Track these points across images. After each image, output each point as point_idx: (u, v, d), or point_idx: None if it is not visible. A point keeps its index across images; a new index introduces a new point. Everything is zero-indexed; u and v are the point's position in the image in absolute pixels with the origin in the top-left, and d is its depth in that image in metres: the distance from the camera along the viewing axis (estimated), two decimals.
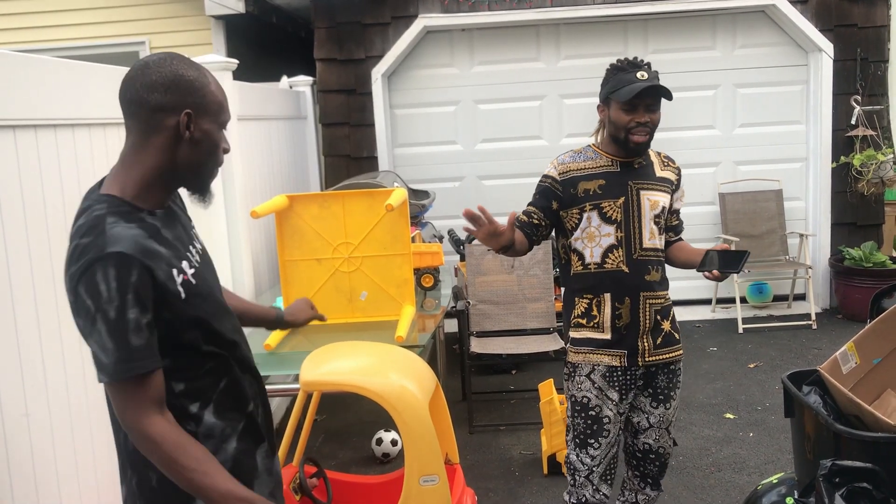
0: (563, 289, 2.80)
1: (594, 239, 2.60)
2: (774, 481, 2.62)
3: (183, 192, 1.74)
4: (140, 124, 1.59)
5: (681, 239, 2.83)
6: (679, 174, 2.75)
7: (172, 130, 1.59)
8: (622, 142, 2.57)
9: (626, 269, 2.59)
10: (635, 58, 2.60)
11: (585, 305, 2.64)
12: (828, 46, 6.17)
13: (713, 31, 6.40)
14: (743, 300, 6.36)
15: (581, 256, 2.64)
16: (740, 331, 5.98)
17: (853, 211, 6.38)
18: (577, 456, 2.68)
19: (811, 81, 6.37)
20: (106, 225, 1.52)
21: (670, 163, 2.74)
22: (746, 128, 6.51)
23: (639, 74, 2.51)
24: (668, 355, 2.68)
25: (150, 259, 1.54)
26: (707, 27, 6.39)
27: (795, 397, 2.45)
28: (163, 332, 1.58)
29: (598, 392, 2.63)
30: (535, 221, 2.67)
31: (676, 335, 2.72)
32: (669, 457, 2.79)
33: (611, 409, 2.63)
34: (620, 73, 2.55)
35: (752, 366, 5.28)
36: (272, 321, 2.19)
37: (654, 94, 2.51)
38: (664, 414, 2.71)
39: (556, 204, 2.64)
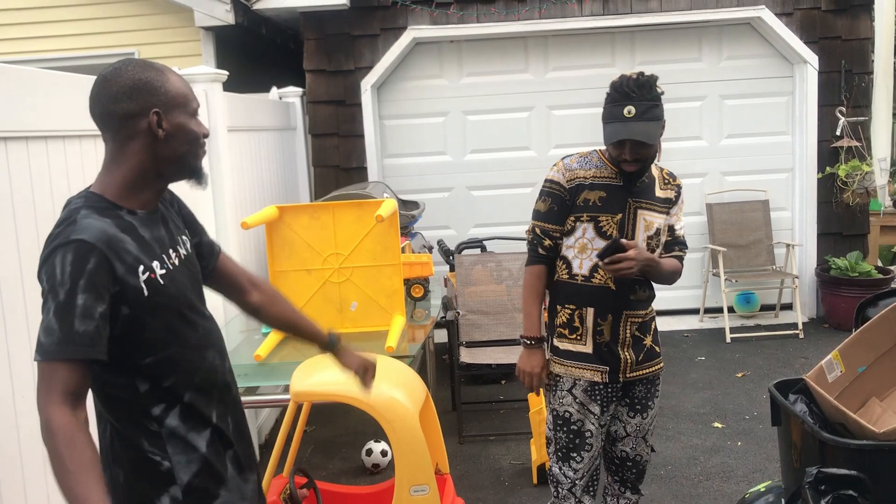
0: (547, 293, 2.78)
1: (585, 251, 2.59)
2: (762, 489, 2.64)
3: (182, 183, 1.78)
4: (115, 134, 1.64)
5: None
6: (679, 191, 2.70)
7: (146, 132, 1.64)
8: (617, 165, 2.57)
9: (613, 287, 2.57)
10: (634, 78, 2.47)
11: (568, 315, 2.63)
12: (813, 58, 6.24)
13: (699, 43, 6.47)
14: (730, 310, 6.40)
15: (569, 265, 2.62)
16: (728, 340, 6.02)
17: (839, 221, 6.44)
18: (560, 469, 2.69)
19: (797, 93, 6.44)
20: (78, 216, 1.58)
21: (671, 180, 2.69)
22: (733, 139, 6.57)
23: (626, 110, 2.44)
24: (649, 370, 2.68)
25: (112, 250, 1.57)
26: (693, 39, 6.46)
27: (782, 406, 2.47)
28: (125, 328, 1.61)
29: (579, 406, 2.63)
30: (559, 240, 2.64)
31: (657, 348, 2.72)
32: (647, 463, 2.80)
33: (593, 423, 2.64)
34: (612, 104, 2.48)
35: (739, 375, 5.32)
36: (325, 343, 2.16)
37: (633, 138, 2.44)
38: (641, 423, 2.71)
39: (566, 211, 2.61)
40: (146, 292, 1.63)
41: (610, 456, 2.80)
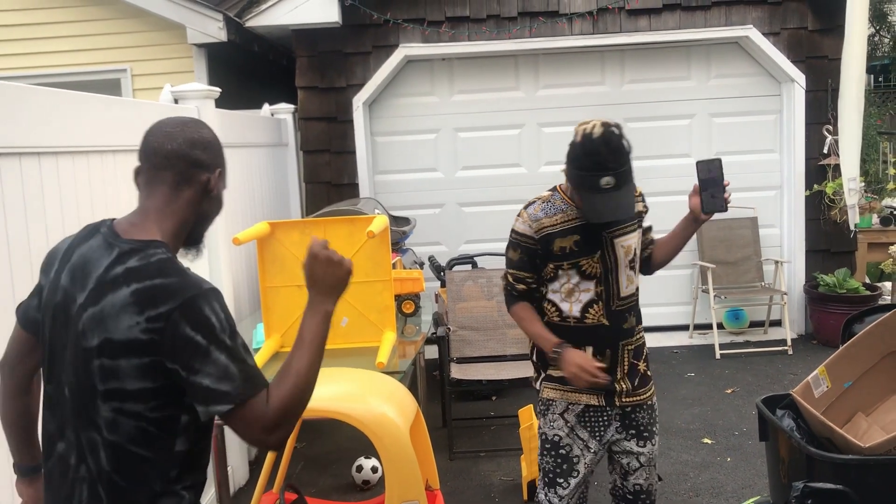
0: None
1: (573, 294, 2.56)
2: None
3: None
4: (175, 176, 1.66)
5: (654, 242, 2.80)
6: (643, 199, 2.70)
7: (202, 186, 1.69)
8: None
9: (607, 322, 2.56)
10: (604, 141, 2.33)
11: None
12: (800, 77, 6.32)
13: (688, 61, 6.54)
14: (720, 326, 6.43)
15: (558, 308, 2.60)
16: (717, 356, 6.04)
17: (826, 238, 6.50)
18: (546, 495, 2.67)
19: (784, 111, 6.51)
20: (181, 265, 1.59)
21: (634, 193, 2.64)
22: (722, 156, 6.57)
23: (604, 182, 2.32)
24: (645, 395, 2.66)
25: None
26: (682, 58, 6.53)
27: (770, 421, 2.50)
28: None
29: (569, 431, 2.62)
30: (532, 284, 2.62)
31: (649, 372, 2.71)
32: (657, 493, 2.77)
33: (581, 449, 2.61)
34: (585, 172, 2.35)
35: (729, 391, 5.34)
36: None
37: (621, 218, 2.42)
38: (651, 451, 2.69)
39: (538, 260, 2.58)
40: None
41: (622, 492, 2.73)
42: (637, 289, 2.67)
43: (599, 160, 2.32)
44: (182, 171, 1.66)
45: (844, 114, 5.83)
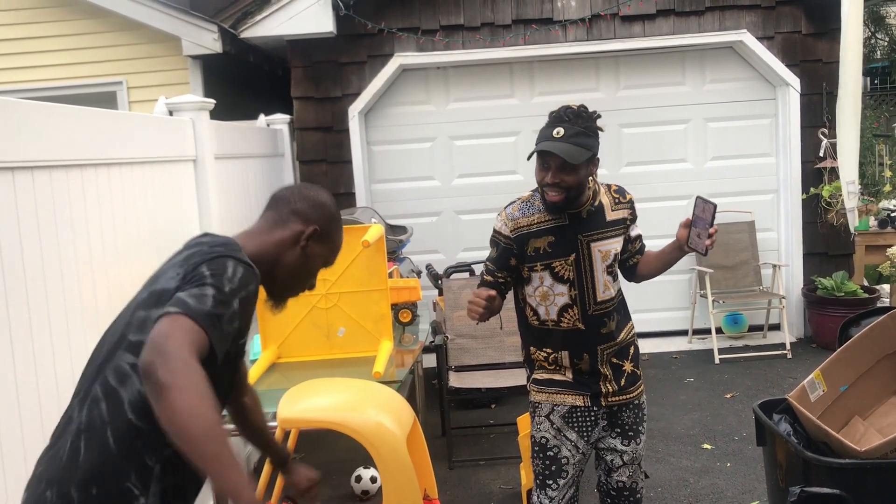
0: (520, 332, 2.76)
1: (548, 298, 2.58)
2: None
3: (262, 293, 1.85)
4: (276, 215, 1.86)
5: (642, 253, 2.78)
6: (632, 206, 2.68)
7: (295, 234, 1.83)
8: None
9: (583, 326, 2.58)
10: (573, 108, 2.46)
11: (545, 355, 2.65)
12: (794, 81, 6.33)
13: (683, 66, 6.55)
14: (719, 331, 6.43)
15: (536, 312, 2.62)
16: (716, 361, 6.03)
17: (824, 241, 6.50)
18: (538, 497, 2.69)
19: (779, 115, 6.52)
20: (238, 247, 1.70)
21: (621, 198, 2.66)
22: (718, 161, 6.63)
23: (555, 131, 2.41)
24: (631, 394, 2.67)
25: (252, 300, 1.67)
26: (677, 63, 6.54)
27: (766, 426, 2.49)
28: (205, 367, 1.53)
29: (556, 433, 2.63)
30: (501, 280, 2.65)
31: (638, 371, 2.72)
32: (643, 491, 2.79)
33: (569, 450, 2.63)
34: (544, 128, 2.47)
35: (728, 396, 5.33)
36: (281, 456, 2.20)
37: (550, 156, 2.41)
38: (635, 450, 2.70)
39: (514, 260, 2.61)
40: (230, 355, 1.70)
41: (606, 489, 2.76)
42: (618, 293, 2.66)
43: (559, 115, 2.45)
44: (281, 214, 1.85)
45: (842, 118, 5.85)
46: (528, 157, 2.51)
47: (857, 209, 6.25)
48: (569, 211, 2.55)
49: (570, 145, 2.39)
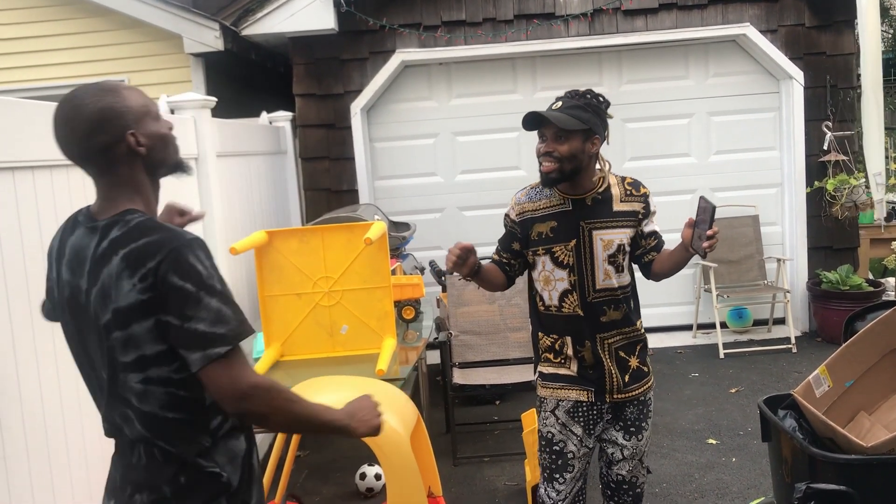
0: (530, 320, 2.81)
1: (550, 283, 2.61)
2: None
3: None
4: (101, 167, 1.65)
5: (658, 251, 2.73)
6: (646, 201, 2.64)
7: (129, 154, 1.65)
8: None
9: (582, 313, 2.58)
10: (582, 91, 2.55)
11: (551, 342, 2.66)
12: (798, 74, 6.30)
13: (686, 60, 6.52)
14: (723, 325, 6.41)
15: (541, 298, 2.65)
16: (721, 356, 6.02)
17: (828, 235, 6.47)
18: (545, 490, 2.71)
19: (783, 108, 6.49)
20: (160, 223, 1.62)
21: (634, 191, 2.63)
22: (721, 155, 6.60)
23: (554, 104, 2.53)
24: (636, 391, 2.66)
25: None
26: (680, 57, 6.51)
27: (771, 422, 2.48)
28: None
29: (561, 427, 2.64)
30: (504, 261, 2.73)
31: (645, 368, 2.70)
32: (644, 486, 2.79)
33: (575, 445, 2.64)
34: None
35: (733, 391, 5.31)
36: None
37: (536, 121, 2.49)
38: (636, 446, 2.70)
39: (517, 245, 2.67)
40: None
41: (606, 480, 2.78)
42: (625, 286, 2.63)
43: (563, 95, 2.55)
44: (102, 163, 1.64)
45: (866, 110, 5.85)
46: (523, 125, 2.55)
47: (861, 203, 6.21)
48: (573, 197, 2.58)
49: (562, 114, 2.46)
